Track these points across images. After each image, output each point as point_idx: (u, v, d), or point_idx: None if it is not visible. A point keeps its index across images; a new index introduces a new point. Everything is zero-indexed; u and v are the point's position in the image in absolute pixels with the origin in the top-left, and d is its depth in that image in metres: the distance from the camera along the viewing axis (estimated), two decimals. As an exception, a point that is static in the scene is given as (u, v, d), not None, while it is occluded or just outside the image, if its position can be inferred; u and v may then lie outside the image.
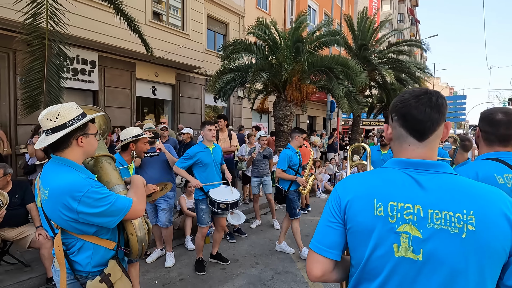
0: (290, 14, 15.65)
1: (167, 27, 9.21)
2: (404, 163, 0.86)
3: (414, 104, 0.84)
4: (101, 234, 1.35)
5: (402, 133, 0.88)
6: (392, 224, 0.80)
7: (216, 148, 3.48)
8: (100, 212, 1.25)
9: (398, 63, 12.81)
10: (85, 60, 7.97)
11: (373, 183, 0.87)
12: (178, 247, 4.06)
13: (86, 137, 1.36)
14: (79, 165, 1.35)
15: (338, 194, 0.91)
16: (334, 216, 0.90)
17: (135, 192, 1.45)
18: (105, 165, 1.54)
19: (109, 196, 1.28)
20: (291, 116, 8.60)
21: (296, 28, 7.87)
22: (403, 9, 36.26)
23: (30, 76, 4.12)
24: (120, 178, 1.55)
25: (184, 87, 10.77)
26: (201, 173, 3.32)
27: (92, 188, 1.25)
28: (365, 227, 0.83)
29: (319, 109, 19.04)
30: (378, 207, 0.82)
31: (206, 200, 3.30)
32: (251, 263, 3.62)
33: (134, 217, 1.38)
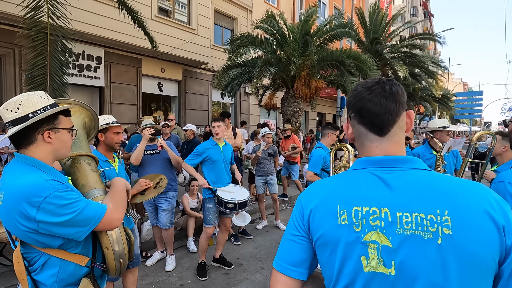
0: (299, 8, 15.27)
1: (174, 22, 9.05)
2: (369, 162, 0.76)
3: (367, 96, 0.75)
4: (70, 247, 1.12)
5: (362, 130, 0.78)
6: (358, 233, 0.68)
7: (227, 146, 3.35)
8: (64, 222, 1.03)
9: (412, 57, 12.35)
10: (91, 56, 7.89)
11: (336, 187, 0.76)
12: (180, 248, 3.89)
13: (55, 132, 1.14)
14: (45, 165, 1.12)
15: (301, 203, 0.80)
16: (297, 228, 0.79)
17: (111, 197, 1.23)
18: (83, 165, 1.34)
19: (76, 202, 1.07)
20: (299, 113, 8.35)
21: (305, 21, 7.59)
22: (416, 2, 35.20)
23: (33, 72, 4.03)
24: (100, 181, 1.35)
25: (191, 83, 10.62)
26: (210, 170, 3.20)
27: (55, 192, 1.03)
28: (330, 239, 0.71)
29: (328, 106, 18.65)
30: (341, 214, 0.71)
31: (213, 199, 3.16)
32: (256, 268, 3.42)
33: (108, 228, 1.16)
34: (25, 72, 3.97)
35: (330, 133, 3.39)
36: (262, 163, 4.77)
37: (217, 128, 3.20)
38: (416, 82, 14.42)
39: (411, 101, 16.33)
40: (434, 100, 16.70)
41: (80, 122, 1.48)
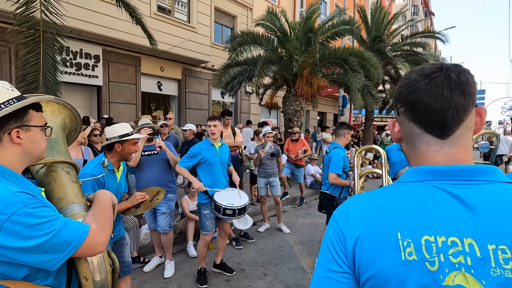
0: (300, 6, 15.11)
1: (173, 19, 8.90)
2: (431, 172, 0.58)
3: (424, 86, 0.58)
4: (38, 278, 0.88)
5: (414, 130, 0.61)
6: (434, 274, 0.50)
7: (223, 146, 3.13)
8: (33, 247, 0.80)
9: (414, 55, 12.17)
10: (89, 54, 7.74)
11: (390, 207, 0.57)
12: (180, 253, 3.75)
13: (25, 130, 0.93)
14: (12, 172, 0.91)
15: (340, 226, 0.61)
16: (336, 262, 0.59)
17: (95, 215, 1.01)
18: (60, 174, 1.13)
19: (51, 221, 0.85)
20: (301, 112, 8.19)
21: (307, 18, 7.44)
22: (417, 0, 35.00)
23: (25, 69, 3.88)
24: (81, 194, 1.15)
25: (190, 82, 10.47)
26: (205, 173, 2.99)
27: (25, 208, 0.81)
28: (389, 279, 0.52)
29: (329, 105, 18.50)
30: (406, 247, 0.52)
31: (210, 205, 2.96)
32: (259, 274, 3.27)
33: (90, 254, 0.94)
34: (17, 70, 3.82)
35: (346, 133, 3.27)
36: (265, 164, 4.61)
37: (213, 127, 2.97)
38: (419, 81, 14.28)
39: (413, 100, 16.16)
40: (436, 99, 16.53)
41: (60, 123, 1.27)
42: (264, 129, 4.80)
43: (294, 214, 5.52)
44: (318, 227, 4.87)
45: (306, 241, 4.26)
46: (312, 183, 7.30)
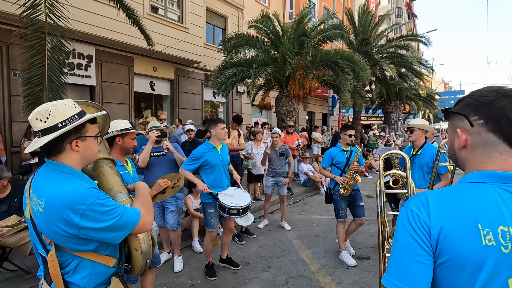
0: (289, 8, 15.37)
1: (166, 20, 8.94)
2: (498, 177, 0.73)
3: (509, 105, 0.71)
4: (101, 250, 1.18)
5: (492, 140, 0.74)
6: (507, 255, 0.66)
7: (224, 147, 3.28)
8: (105, 227, 1.09)
9: (400, 57, 12.69)
10: (82, 54, 7.70)
11: (469, 204, 0.71)
12: (185, 249, 3.91)
13: (82, 140, 1.18)
14: (79, 172, 1.18)
15: (422, 218, 0.74)
16: (421, 247, 0.72)
17: (142, 202, 1.28)
18: (106, 169, 1.37)
19: (116, 209, 1.12)
20: (294, 112, 8.45)
21: (299, 21, 7.68)
22: (401, 3, 36.04)
23: (30, 72, 3.90)
24: (123, 184, 1.39)
25: (183, 82, 10.53)
26: (208, 175, 3.12)
27: (97, 200, 1.08)
28: (471, 261, 0.68)
29: (318, 105, 18.91)
30: (486, 235, 0.67)
31: (214, 204, 3.11)
32: (263, 266, 3.49)
33: (141, 231, 1.22)
34: (21, 72, 3.84)
35: (342, 134, 3.76)
36: (274, 163, 4.74)
37: (226, 130, 3.20)
38: (403, 82, 14.85)
39: (398, 100, 16.81)
40: (419, 99, 17.26)
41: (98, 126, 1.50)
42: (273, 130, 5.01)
43: (290, 211, 5.76)
44: (314, 222, 5.13)
45: (303, 235, 4.50)
46: (305, 181, 7.58)
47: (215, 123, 3.16)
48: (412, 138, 3.18)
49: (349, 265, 3.52)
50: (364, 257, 3.79)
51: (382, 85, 14.41)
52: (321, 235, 4.55)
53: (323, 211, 5.86)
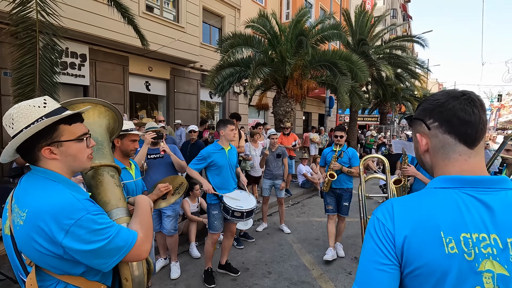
0: (286, 8, 15.30)
1: (162, 19, 8.80)
2: (460, 181, 0.72)
3: (458, 106, 0.72)
4: (90, 275, 0.99)
5: (449, 141, 0.74)
6: (471, 262, 0.65)
7: (232, 149, 3.21)
8: (92, 250, 0.89)
9: (396, 58, 12.70)
10: (75, 53, 7.52)
11: (430, 211, 0.70)
12: (182, 254, 3.78)
13: (57, 146, 0.98)
14: (68, 180, 1.00)
15: (387, 227, 0.72)
16: (386, 256, 0.70)
17: (141, 223, 1.06)
18: (106, 179, 1.19)
19: (108, 228, 0.93)
20: (291, 113, 8.37)
21: (297, 21, 7.60)
22: (396, 4, 36.26)
23: (21, 71, 3.76)
24: (123, 197, 1.21)
25: (179, 82, 10.38)
26: (214, 176, 3.07)
27: (88, 214, 0.90)
28: (435, 269, 0.65)
29: (314, 105, 18.87)
30: (448, 243, 0.66)
31: (219, 205, 3.04)
32: (263, 272, 3.38)
33: (135, 259, 1.00)
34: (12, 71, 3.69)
35: (331, 135, 3.76)
36: (271, 165, 4.68)
37: (235, 131, 3.17)
38: (400, 82, 14.88)
39: (394, 100, 16.84)
40: (415, 99, 17.31)
41: (105, 125, 1.31)
42: (269, 130, 4.91)
43: (288, 213, 5.67)
44: (313, 225, 5.04)
45: (303, 239, 4.41)
46: (303, 182, 7.49)
47: (224, 123, 3.11)
48: None
49: (324, 258, 3.63)
50: (366, 261, 3.70)
51: (378, 85, 14.42)
52: (321, 238, 4.46)
53: (322, 213, 5.75)
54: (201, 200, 4.33)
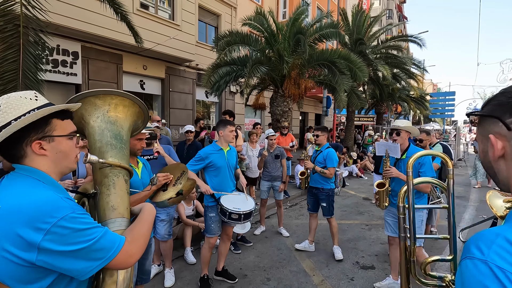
0: (283, 7, 15.18)
1: (157, 16, 8.61)
2: None
3: None
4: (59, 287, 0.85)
5: None
6: None
7: (231, 150, 3.10)
8: (75, 251, 0.80)
9: (393, 58, 12.65)
10: (66, 51, 7.29)
11: None
12: (177, 260, 3.62)
13: (49, 141, 0.91)
14: (53, 181, 0.92)
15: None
16: None
17: (133, 228, 0.98)
18: (120, 182, 1.06)
19: (94, 228, 0.84)
20: (289, 112, 8.24)
21: (295, 19, 7.47)
22: (392, 5, 36.40)
23: (3, 67, 3.58)
24: (129, 207, 1.08)
25: (174, 81, 10.19)
26: (212, 177, 2.96)
27: (73, 213, 0.81)
28: None
29: (311, 105, 18.78)
30: None
31: (216, 208, 2.91)
32: (262, 278, 3.24)
33: (122, 267, 0.90)
34: None
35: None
36: (269, 166, 4.55)
37: (234, 132, 3.07)
38: (396, 82, 14.85)
39: (390, 100, 16.82)
40: (411, 100, 17.32)
41: (131, 125, 1.19)
42: (267, 131, 4.77)
43: (287, 215, 5.53)
44: (313, 228, 4.91)
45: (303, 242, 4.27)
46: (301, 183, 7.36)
47: (224, 124, 3.01)
48: (400, 142, 2.85)
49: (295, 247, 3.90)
50: (368, 266, 3.58)
51: (375, 85, 14.36)
52: (321, 241, 4.33)
53: (320, 215, 5.64)
54: (196, 203, 4.18)
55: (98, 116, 1.08)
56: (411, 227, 1.36)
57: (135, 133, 1.31)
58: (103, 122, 1.08)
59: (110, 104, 1.09)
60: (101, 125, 1.07)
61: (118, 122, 1.09)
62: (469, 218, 5.59)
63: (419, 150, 2.75)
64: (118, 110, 1.10)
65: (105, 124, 1.08)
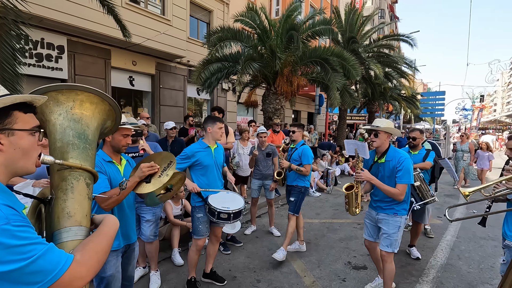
0: (276, 4, 15.06)
1: (146, 11, 8.39)
2: None
3: None
4: None
5: None
6: None
7: (219, 148, 2.97)
8: (4, 273, 0.66)
9: (386, 57, 12.69)
10: (51, 45, 7.03)
11: None
12: (164, 262, 3.49)
13: (7, 134, 0.79)
14: (2, 186, 0.79)
15: None
16: None
17: (86, 244, 0.84)
18: (80, 185, 0.95)
19: (33, 245, 0.70)
20: (281, 110, 8.16)
21: (288, 15, 7.37)
22: (384, 5, 36.64)
23: (-22, 59, 3.37)
24: (89, 214, 0.96)
25: (165, 78, 9.98)
26: (199, 176, 2.81)
27: (7, 225, 0.67)
28: None
29: (303, 103, 18.75)
30: None
31: (204, 208, 2.78)
32: (252, 280, 3.14)
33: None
34: None
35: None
36: (260, 165, 4.44)
37: (223, 129, 2.97)
38: (388, 81, 14.93)
39: (382, 99, 16.91)
40: (402, 99, 17.45)
41: (100, 124, 1.09)
42: (259, 128, 4.65)
43: (278, 214, 5.44)
44: (304, 227, 4.82)
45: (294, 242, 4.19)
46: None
47: (213, 120, 2.86)
48: (378, 144, 2.63)
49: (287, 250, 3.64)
50: (360, 266, 3.52)
51: (367, 84, 14.40)
52: (312, 241, 4.26)
53: (313, 214, 5.59)
54: (185, 202, 4.04)
55: (61, 113, 0.98)
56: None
57: (106, 133, 1.20)
58: (66, 120, 0.98)
59: (74, 101, 1.00)
60: (63, 123, 0.97)
61: (83, 120, 1.00)
62: (460, 215, 5.60)
63: (399, 152, 2.57)
64: (84, 107, 1.00)
65: (68, 122, 0.98)
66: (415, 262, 3.64)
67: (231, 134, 4.76)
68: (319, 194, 7.12)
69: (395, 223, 2.60)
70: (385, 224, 2.64)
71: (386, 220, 2.64)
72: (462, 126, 40.03)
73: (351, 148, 2.75)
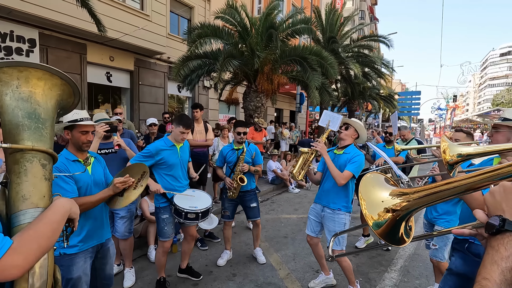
0: (258, 2, 15.10)
1: (124, 5, 8.18)
2: None
3: None
4: None
5: None
6: None
7: (184, 146, 2.89)
8: None
9: (364, 57, 13.04)
10: (22, 38, 6.73)
11: None
12: (140, 259, 3.47)
13: None
14: None
15: None
16: None
17: (26, 230, 0.80)
18: (34, 167, 0.91)
19: None
20: (262, 108, 8.21)
21: (268, 14, 7.42)
22: (364, 6, 37.53)
23: None
24: (49, 195, 0.94)
25: (144, 74, 9.79)
26: (163, 176, 2.73)
27: None
28: None
29: (286, 102, 18.93)
30: None
31: (169, 208, 2.73)
32: (228, 274, 3.18)
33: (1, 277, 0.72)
34: None
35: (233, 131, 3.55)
36: None
37: (186, 135, 2.78)
38: (367, 81, 15.36)
39: (361, 98, 17.38)
40: (381, 98, 18.01)
41: (55, 102, 1.01)
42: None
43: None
44: (282, 222, 4.93)
45: (272, 237, 4.27)
46: (273, 179, 7.39)
47: (178, 123, 2.72)
48: (343, 137, 2.70)
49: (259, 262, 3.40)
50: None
51: (347, 83, 14.76)
52: (289, 235, 4.35)
53: (291, 210, 5.70)
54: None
55: (7, 93, 0.91)
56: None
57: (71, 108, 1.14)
58: (13, 99, 0.91)
59: (19, 78, 0.92)
60: (10, 103, 0.91)
61: (32, 99, 0.93)
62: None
63: (358, 151, 2.66)
64: (31, 84, 0.93)
65: (16, 101, 0.91)
66: (384, 253, 3.81)
67: (210, 131, 4.75)
68: (298, 190, 7.25)
69: (340, 220, 2.64)
70: (331, 221, 2.66)
71: (331, 218, 2.67)
72: (438, 125, 41.75)
73: (325, 119, 2.71)
